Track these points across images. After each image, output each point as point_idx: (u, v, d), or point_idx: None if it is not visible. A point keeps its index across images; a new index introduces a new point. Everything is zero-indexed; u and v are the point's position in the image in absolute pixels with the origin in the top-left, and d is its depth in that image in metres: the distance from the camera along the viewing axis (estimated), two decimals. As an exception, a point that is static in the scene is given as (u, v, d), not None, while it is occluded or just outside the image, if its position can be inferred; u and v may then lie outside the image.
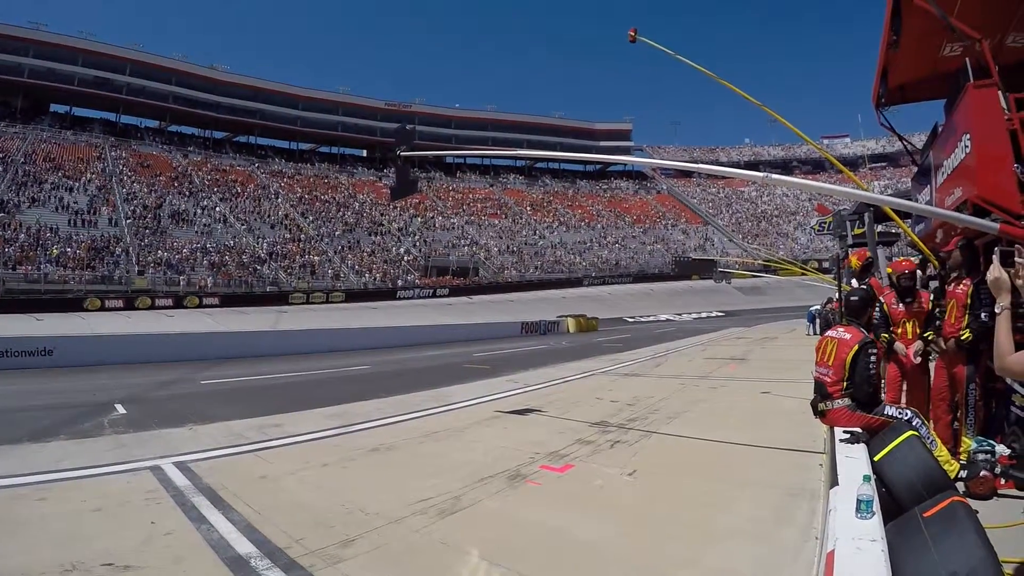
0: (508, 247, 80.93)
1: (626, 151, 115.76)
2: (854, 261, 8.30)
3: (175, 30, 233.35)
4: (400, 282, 64.40)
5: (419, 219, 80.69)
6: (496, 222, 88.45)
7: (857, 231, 19.36)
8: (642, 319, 55.18)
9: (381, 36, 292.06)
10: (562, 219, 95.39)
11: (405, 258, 70.21)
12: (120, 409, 11.87)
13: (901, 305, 6.76)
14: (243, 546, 4.51)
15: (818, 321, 25.56)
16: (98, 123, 79.52)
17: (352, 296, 56.84)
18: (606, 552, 4.34)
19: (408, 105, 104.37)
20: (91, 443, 8.54)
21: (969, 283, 5.90)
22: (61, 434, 9.22)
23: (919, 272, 7.68)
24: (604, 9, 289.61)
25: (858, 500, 2.84)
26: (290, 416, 10.24)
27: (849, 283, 7.84)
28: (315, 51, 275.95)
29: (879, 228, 17.18)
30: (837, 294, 15.97)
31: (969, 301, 5.85)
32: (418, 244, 74.60)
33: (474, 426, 9.28)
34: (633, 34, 12.22)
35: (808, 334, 26.32)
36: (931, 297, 6.83)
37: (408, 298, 58.67)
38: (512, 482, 6.13)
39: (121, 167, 67.63)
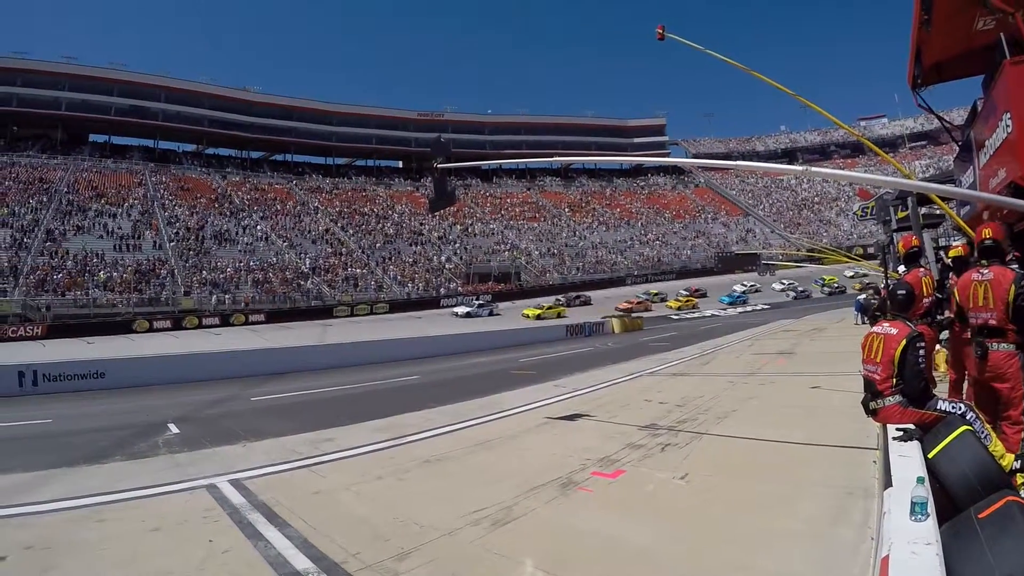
0: (548, 250, 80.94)
1: (660, 146, 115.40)
2: (901, 247, 7.99)
3: (203, 55, 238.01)
4: (443, 290, 64.70)
5: (458, 227, 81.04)
6: (535, 225, 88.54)
7: (901, 215, 18.96)
8: (687, 316, 54.70)
9: (408, 46, 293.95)
10: (601, 218, 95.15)
11: (446, 266, 70.55)
12: (173, 428, 12.10)
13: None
14: (300, 562, 4.59)
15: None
16: (137, 150, 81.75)
17: (396, 307, 57.31)
18: (660, 558, 4.33)
19: (440, 114, 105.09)
20: (147, 463, 8.71)
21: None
22: (117, 455, 9.44)
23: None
24: (631, 6, 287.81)
25: (912, 502, 2.82)
26: (341, 430, 10.28)
27: (896, 270, 7.66)
28: (343, 66, 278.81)
29: (923, 211, 16.80)
30: (884, 282, 15.66)
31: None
32: (459, 252, 74.93)
33: (524, 433, 9.28)
34: (661, 31, 12.16)
35: (856, 323, 25.84)
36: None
37: (451, 306, 58.82)
38: (564, 490, 6.12)
39: (162, 191, 69.23)
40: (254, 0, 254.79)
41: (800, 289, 65.01)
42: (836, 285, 65.62)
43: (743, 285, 65.77)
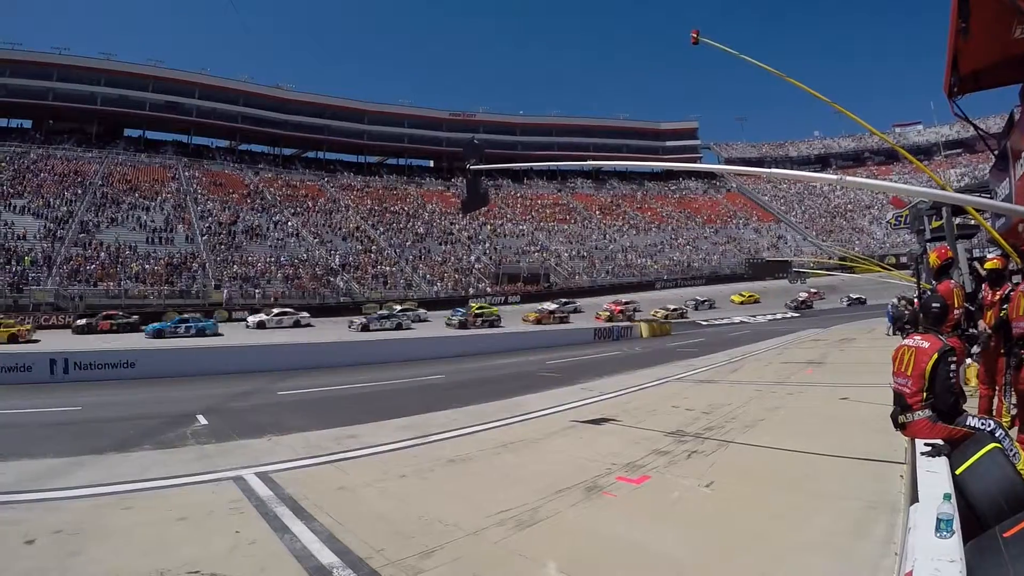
0: (578, 252, 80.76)
1: (693, 150, 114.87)
2: (933, 259, 7.81)
3: (239, 53, 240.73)
4: (471, 290, 64.76)
5: (488, 227, 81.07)
6: (565, 227, 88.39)
7: (935, 224, 18.71)
8: (716, 322, 54.30)
9: (442, 46, 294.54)
10: (631, 222, 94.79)
11: (476, 266, 70.65)
12: (201, 420, 12.24)
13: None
14: (325, 556, 4.64)
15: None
16: (171, 145, 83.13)
17: (424, 305, 57.36)
18: (682, 566, 4.34)
19: (472, 114, 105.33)
20: (175, 453, 8.84)
21: None
22: (145, 444, 9.58)
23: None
24: (665, 10, 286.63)
25: (938, 519, 2.81)
26: (366, 427, 10.36)
27: (928, 281, 7.55)
28: (377, 65, 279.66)
29: (957, 221, 16.56)
30: (917, 293, 15.45)
31: None
32: (488, 252, 74.99)
33: (550, 436, 9.29)
34: (695, 36, 12.08)
35: (888, 334, 25.54)
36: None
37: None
38: (589, 494, 6.13)
39: (195, 186, 70.22)
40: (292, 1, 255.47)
41: (855, 296, 65.48)
42: (856, 296, 65.70)
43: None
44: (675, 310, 59.20)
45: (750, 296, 64.78)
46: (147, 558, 4.63)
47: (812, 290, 66.01)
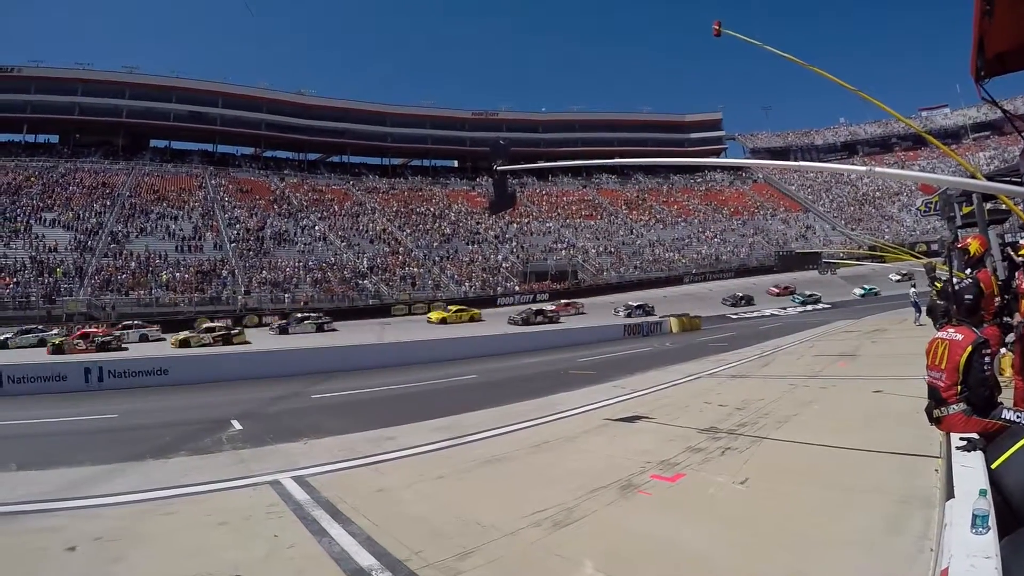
0: (605, 248, 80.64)
1: (718, 141, 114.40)
2: (975, 246, 7.38)
3: (259, 61, 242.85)
4: (499, 289, 64.84)
5: (515, 225, 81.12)
6: (592, 223, 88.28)
7: (966, 210, 18.41)
8: (746, 315, 53.93)
9: (462, 46, 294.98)
10: (658, 216, 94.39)
11: (503, 265, 70.77)
12: (236, 425, 12.44)
13: None
14: (364, 558, 4.68)
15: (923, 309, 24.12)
16: (196, 154, 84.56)
17: (453, 305, 57.53)
18: (717, 563, 4.36)
19: (494, 113, 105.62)
20: (211, 459, 9.00)
21: None
22: (182, 450, 9.75)
23: None
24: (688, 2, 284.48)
25: (973, 515, 2.82)
26: (402, 429, 10.41)
27: (961, 269, 7.36)
28: (397, 67, 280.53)
29: (988, 206, 16.28)
30: (949, 284, 15.24)
31: None
32: (515, 250, 75.09)
33: (583, 435, 9.29)
34: (718, 27, 11.99)
35: (916, 324, 25.16)
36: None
37: (508, 304, 58.91)
38: (624, 492, 6.14)
39: (222, 194, 71.22)
40: (309, 4, 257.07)
41: (868, 288, 64.29)
42: (869, 287, 64.60)
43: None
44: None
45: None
46: (189, 563, 4.72)
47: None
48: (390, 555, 4.73)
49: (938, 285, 13.48)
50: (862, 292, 62.44)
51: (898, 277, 63.37)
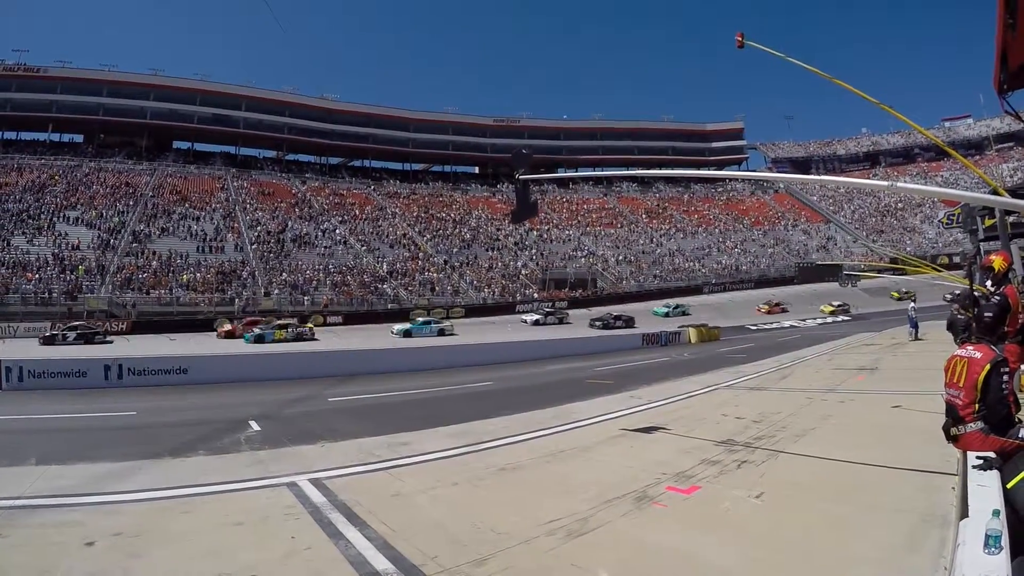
0: (625, 256, 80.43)
1: (739, 150, 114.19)
2: (999, 262, 6.95)
3: (284, 64, 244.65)
4: (518, 296, 64.82)
5: (535, 232, 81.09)
6: (612, 231, 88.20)
7: (988, 223, 18.24)
8: (765, 326, 53.46)
9: (485, 52, 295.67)
10: (678, 225, 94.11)
11: (523, 272, 70.77)
12: (254, 426, 12.60)
13: None
14: (380, 562, 4.71)
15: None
16: (219, 156, 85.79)
17: (472, 311, 57.68)
18: (733, 578, 4.34)
19: (516, 119, 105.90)
20: (230, 459, 9.09)
21: None
22: (200, 449, 9.91)
23: None
24: (707, 10, 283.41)
25: (986, 535, 2.82)
26: (417, 434, 10.43)
27: (983, 284, 7.22)
28: (420, 72, 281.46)
29: (1011, 219, 16.10)
30: (971, 297, 15.08)
31: None
32: (535, 257, 75.10)
33: (599, 445, 9.27)
34: (740, 39, 11.97)
35: (910, 339, 24.87)
36: None
37: (527, 312, 58.86)
38: (639, 503, 6.13)
39: (243, 196, 71.88)
40: (335, 11, 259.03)
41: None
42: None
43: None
44: (840, 306, 60.62)
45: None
46: (206, 561, 4.77)
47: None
48: (406, 559, 4.75)
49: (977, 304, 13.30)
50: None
51: (898, 296, 63.24)
